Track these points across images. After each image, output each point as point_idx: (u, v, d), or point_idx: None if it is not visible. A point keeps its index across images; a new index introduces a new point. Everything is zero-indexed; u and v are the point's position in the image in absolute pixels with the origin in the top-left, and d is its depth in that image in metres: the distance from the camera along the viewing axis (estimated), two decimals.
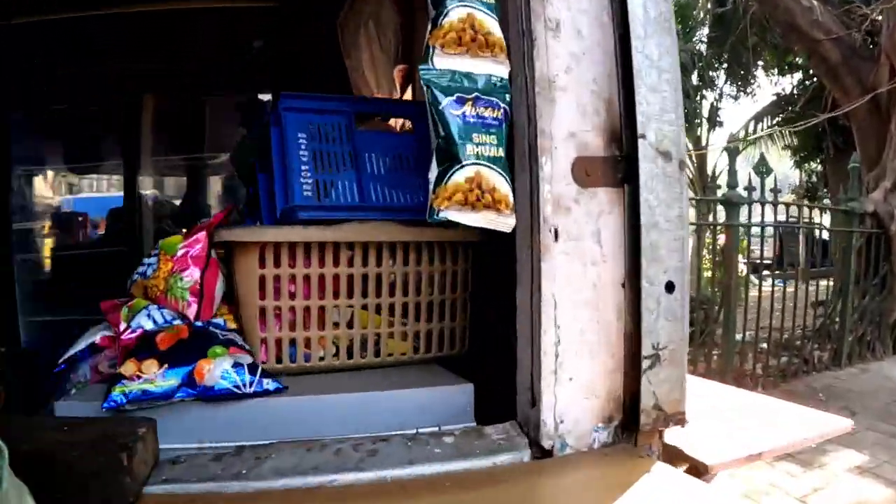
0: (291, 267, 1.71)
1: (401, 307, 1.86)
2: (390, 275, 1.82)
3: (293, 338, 1.76)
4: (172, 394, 1.47)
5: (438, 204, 1.50)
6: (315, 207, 1.75)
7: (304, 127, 1.83)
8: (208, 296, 1.74)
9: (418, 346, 1.90)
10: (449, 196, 1.49)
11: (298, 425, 1.53)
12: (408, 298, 1.86)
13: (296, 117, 1.84)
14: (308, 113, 1.86)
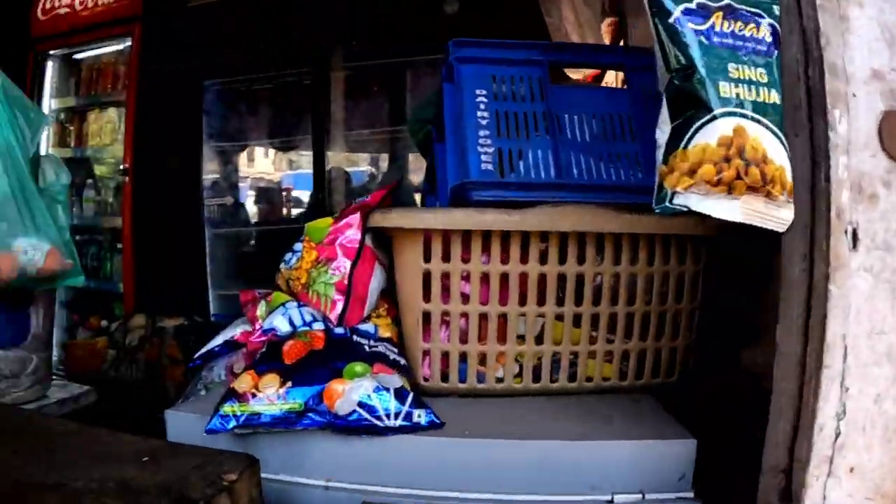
0: (465, 262, 1.51)
1: (607, 319, 1.57)
2: (595, 276, 1.55)
3: (464, 352, 1.56)
4: (295, 421, 1.34)
5: (673, 183, 1.11)
6: (496, 185, 1.52)
7: (483, 82, 1.59)
8: (358, 294, 1.60)
9: (625, 369, 1.61)
10: (691, 169, 1.10)
11: (454, 475, 1.33)
12: (616, 308, 1.57)
13: (473, 70, 1.61)
14: (489, 64, 1.62)
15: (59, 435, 1.27)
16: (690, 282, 1.59)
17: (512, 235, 1.49)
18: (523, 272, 1.51)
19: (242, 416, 1.32)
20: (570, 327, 1.56)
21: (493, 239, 1.50)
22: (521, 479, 1.32)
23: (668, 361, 1.62)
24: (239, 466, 1.10)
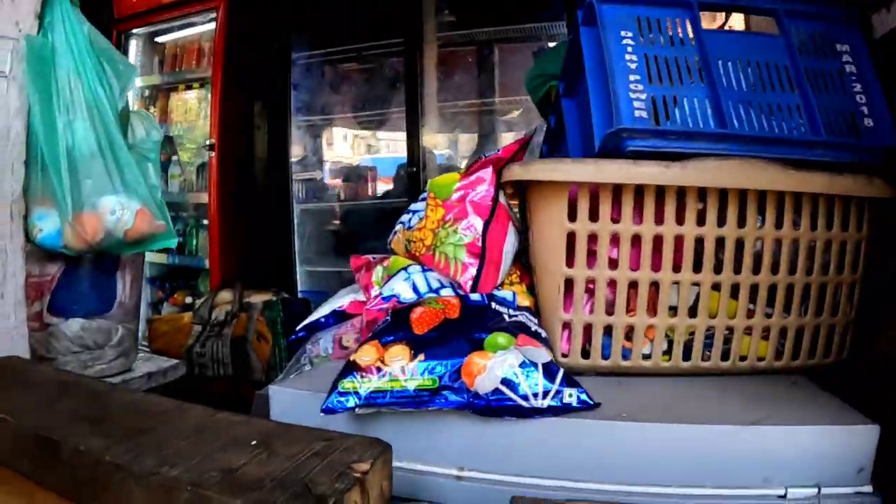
0: (615, 222, 1.30)
1: (766, 291, 1.35)
2: (756, 241, 1.33)
3: (609, 324, 1.34)
4: (427, 400, 1.13)
5: None
6: (653, 133, 1.30)
7: (628, 23, 1.40)
8: (493, 257, 1.40)
9: (781, 348, 1.39)
10: None
11: (609, 465, 1.12)
12: (777, 278, 1.35)
13: (617, 11, 1.41)
14: (633, 4, 1.42)
15: (150, 413, 1.08)
16: (853, 251, 1.38)
17: (667, 192, 1.29)
18: (679, 234, 1.30)
19: (365, 394, 1.12)
20: (727, 299, 1.34)
21: (646, 196, 1.29)
22: (685, 469, 1.11)
23: (826, 340, 1.41)
24: (370, 453, 0.89)
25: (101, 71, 1.66)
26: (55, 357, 1.68)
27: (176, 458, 0.88)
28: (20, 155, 1.55)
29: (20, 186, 1.54)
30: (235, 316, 3.31)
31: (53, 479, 1.00)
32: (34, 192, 1.57)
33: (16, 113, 1.54)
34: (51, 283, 1.67)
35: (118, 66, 1.73)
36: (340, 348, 1.52)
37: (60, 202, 1.55)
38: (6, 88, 1.51)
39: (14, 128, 1.53)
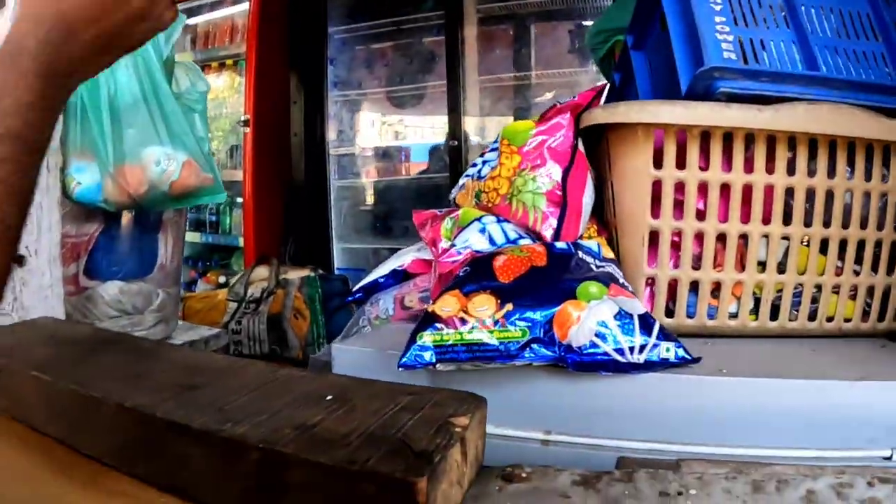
0: (703, 170, 1.20)
1: (854, 247, 1.24)
2: (845, 192, 1.22)
3: (696, 280, 1.23)
4: (517, 353, 1.01)
5: None
6: (743, 74, 1.20)
7: None
8: (574, 206, 1.29)
9: (868, 309, 1.28)
10: None
11: (709, 425, 1.00)
12: (865, 233, 1.24)
13: None
14: None
15: (203, 369, 0.97)
16: None
17: (757, 139, 1.18)
18: (769, 184, 1.19)
19: (448, 348, 1.00)
20: (815, 254, 1.24)
21: (735, 142, 1.18)
22: (788, 428, 0.99)
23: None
24: (466, 408, 0.77)
25: None
26: (92, 322, 1.57)
27: (239, 414, 0.77)
28: None
29: (57, 136, 1.44)
30: (272, 293, 3.23)
31: (94, 442, 0.89)
32: (72, 143, 1.47)
33: None
34: (88, 243, 1.57)
35: None
36: (402, 309, 1.42)
37: (101, 153, 1.44)
38: None
39: None
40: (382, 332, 1.34)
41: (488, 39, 4.37)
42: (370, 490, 0.61)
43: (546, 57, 4.25)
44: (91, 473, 0.86)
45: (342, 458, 0.64)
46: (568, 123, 1.35)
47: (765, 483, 0.71)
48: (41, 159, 0.70)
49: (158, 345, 1.16)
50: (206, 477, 0.74)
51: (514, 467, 0.77)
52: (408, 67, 4.61)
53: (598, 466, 0.78)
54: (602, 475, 0.73)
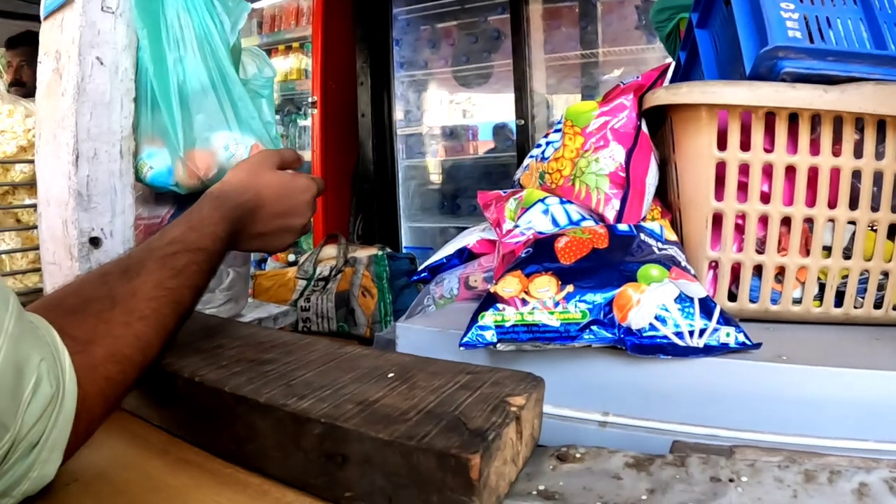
0: (768, 152, 1.17)
1: None
2: None
3: (759, 263, 1.21)
4: (577, 334, 1.01)
5: None
6: (808, 53, 1.15)
7: None
8: (637, 188, 1.27)
9: None
10: None
11: (767, 412, 0.98)
12: None
13: None
14: None
15: (271, 345, 1.00)
16: None
17: (823, 120, 1.15)
18: (835, 166, 1.16)
19: (509, 328, 1.01)
20: (883, 240, 1.19)
21: (801, 123, 1.15)
22: (847, 419, 0.96)
23: None
24: (523, 387, 0.78)
25: (212, 6, 1.58)
26: None
27: (305, 389, 0.79)
28: (129, 91, 1.49)
29: (129, 123, 1.48)
30: (340, 271, 3.27)
31: (164, 414, 0.94)
32: (144, 129, 1.51)
33: (123, 49, 1.48)
34: (160, 225, 1.61)
35: (228, 1, 1.64)
36: (467, 288, 1.43)
37: (171, 139, 1.48)
38: (113, 24, 1.45)
39: (122, 64, 1.47)
40: (446, 312, 1.35)
41: (553, 17, 4.33)
42: (426, 465, 0.63)
43: (612, 34, 4.20)
44: (163, 442, 0.90)
45: (400, 434, 0.66)
46: (631, 104, 1.33)
47: (817, 473, 0.70)
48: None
49: (227, 322, 1.19)
50: (271, 449, 0.77)
51: (569, 447, 0.78)
52: (473, 46, 4.60)
53: (654, 450, 0.78)
54: (655, 458, 0.74)
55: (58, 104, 1.41)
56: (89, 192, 1.40)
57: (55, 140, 1.41)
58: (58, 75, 1.42)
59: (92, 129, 1.40)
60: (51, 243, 1.45)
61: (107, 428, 0.94)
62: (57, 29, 1.44)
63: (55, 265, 1.45)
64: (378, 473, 0.66)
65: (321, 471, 0.71)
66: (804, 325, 1.23)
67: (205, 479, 0.80)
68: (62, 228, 1.41)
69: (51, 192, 1.43)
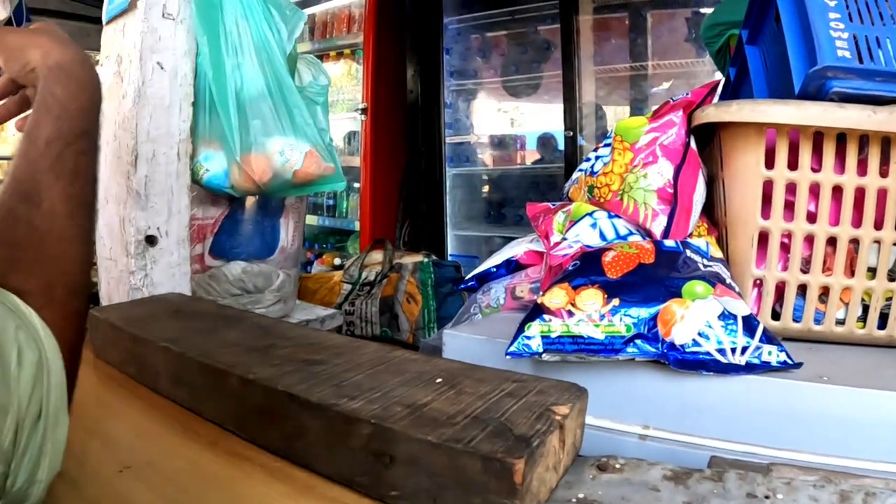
0: (815, 171, 1.17)
1: None
2: None
3: (804, 283, 1.21)
4: (621, 347, 1.03)
5: None
6: (857, 73, 1.16)
7: None
8: (684, 204, 1.29)
9: None
10: None
11: (806, 432, 0.98)
12: None
13: None
14: None
15: (322, 346, 1.03)
16: None
17: (871, 140, 1.15)
18: (882, 187, 1.15)
19: (552, 338, 1.02)
20: None
21: (848, 143, 1.15)
22: (883, 441, 0.96)
23: None
24: (567, 397, 0.80)
25: (269, 15, 1.62)
26: (215, 299, 1.66)
27: (355, 391, 0.82)
28: (188, 96, 1.53)
29: (188, 126, 1.53)
30: (385, 276, 3.30)
31: (215, 409, 0.97)
32: (201, 133, 1.55)
33: (183, 55, 1.52)
34: (214, 225, 1.65)
35: (285, 10, 1.69)
36: (513, 299, 1.44)
37: (228, 143, 1.52)
38: (174, 30, 1.50)
39: (182, 69, 1.52)
40: (492, 321, 1.36)
41: (603, 28, 4.30)
42: (472, 468, 0.65)
43: (662, 46, 4.16)
44: (212, 435, 0.93)
45: (447, 437, 0.68)
46: (681, 121, 1.34)
47: (852, 494, 0.71)
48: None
49: (278, 322, 1.22)
50: (320, 447, 0.79)
51: (609, 458, 0.79)
52: (522, 57, 4.59)
53: (692, 464, 0.80)
54: (693, 472, 0.75)
55: (119, 106, 1.45)
56: (147, 191, 1.44)
57: (116, 141, 1.45)
58: (119, 78, 1.46)
59: (151, 132, 1.44)
60: (108, 240, 1.50)
61: (157, 418, 0.97)
62: (119, 33, 1.48)
63: (111, 261, 1.49)
64: (424, 474, 0.68)
65: (368, 469, 0.74)
66: (847, 347, 1.22)
67: (254, 471, 0.83)
68: (119, 226, 1.45)
69: (109, 190, 1.47)
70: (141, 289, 1.45)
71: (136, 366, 1.13)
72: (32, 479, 0.62)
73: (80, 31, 3.84)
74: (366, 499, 0.74)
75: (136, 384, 1.11)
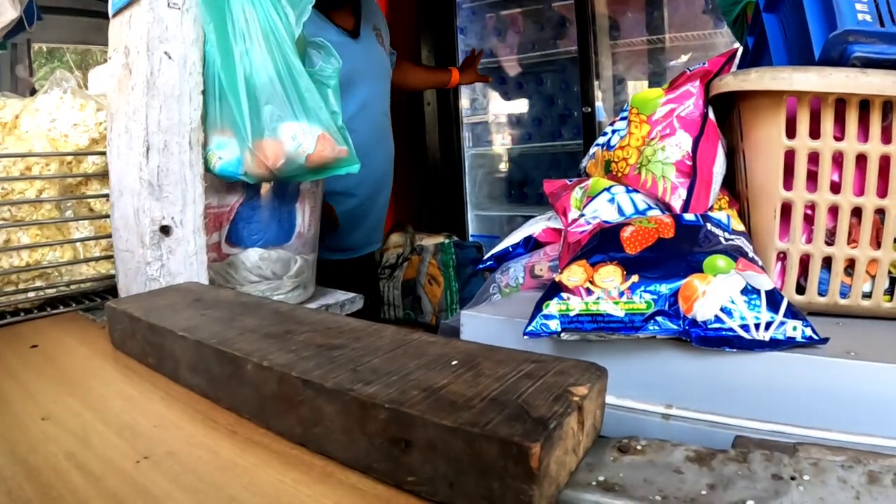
0: (838, 140, 1.15)
1: None
2: None
3: (829, 255, 1.19)
4: (640, 326, 1.02)
5: None
6: (880, 37, 1.13)
7: None
8: (704, 177, 1.26)
9: None
10: None
11: (835, 410, 0.96)
12: None
13: None
14: None
15: (339, 331, 1.02)
16: None
17: (895, 108, 1.12)
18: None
19: (571, 317, 1.01)
20: None
21: (872, 111, 1.13)
22: None
23: None
24: (587, 377, 0.78)
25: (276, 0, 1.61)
26: (233, 287, 1.65)
27: (371, 375, 0.81)
28: (197, 84, 1.52)
29: (198, 115, 1.52)
30: (407, 259, 3.31)
31: (233, 397, 0.96)
32: (212, 121, 1.54)
33: (191, 43, 1.51)
34: (230, 213, 1.64)
35: None
36: (532, 277, 1.43)
37: (240, 130, 1.51)
38: (181, 20, 1.49)
39: (190, 58, 1.50)
40: (511, 301, 1.36)
41: (620, 2, 4.27)
42: (489, 452, 0.64)
43: (680, 18, 4.13)
44: (231, 424, 0.92)
45: (464, 421, 0.67)
46: (698, 91, 1.32)
47: (882, 475, 0.69)
48: None
49: (296, 308, 1.21)
50: (336, 432, 0.78)
51: (631, 439, 0.78)
52: (539, 34, 4.56)
53: (717, 444, 0.78)
54: (717, 453, 0.73)
55: (129, 98, 1.45)
56: (160, 182, 1.44)
57: (127, 132, 1.45)
58: (127, 70, 1.46)
59: (162, 122, 1.44)
60: (123, 231, 1.49)
61: (176, 408, 0.97)
62: (125, 25, 1.47)
63: (128, 252, 1.49)
64: (441, 459, 0.67)
65: (385, 455, 0.73)
66: (874, 321, 1.21)
67: (272, 459, 0.82)
68: (134, 217, 1.45)
69: (123, 182, 1.47)
70: (158, 279, 1.45)
71: (154, 356, 1.12)
72: None
73: (94, 26, 3.85)
74: (381, 485, 0.73)
75: (155, 375, 1.11)
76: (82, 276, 1.68)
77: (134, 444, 0.87)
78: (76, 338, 1.36)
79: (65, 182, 1.66)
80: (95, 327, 1.44)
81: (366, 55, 2.67)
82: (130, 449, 0.85)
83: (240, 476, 0.79)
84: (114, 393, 1.05)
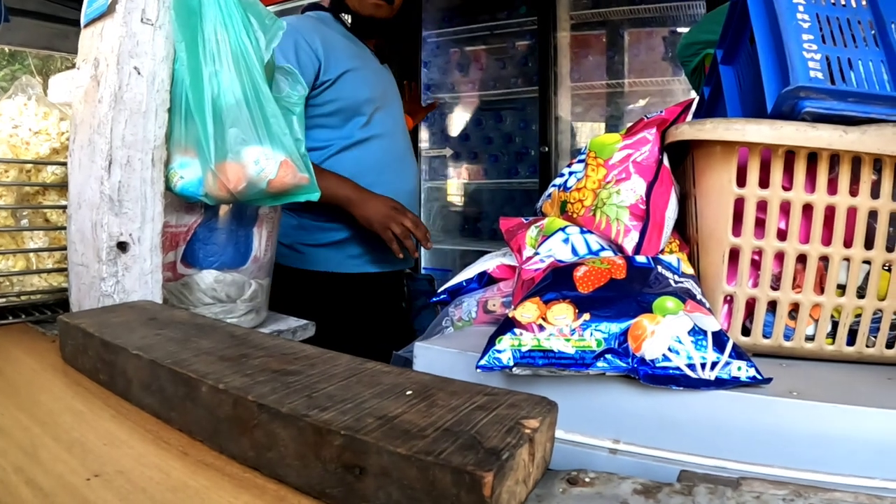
0: (786, 189, 1.20)
1: None
2: None
3: (774, 299, 1.23)
4: (591, 362, 1.03)
5: None
6: (829, 94, 1.19)
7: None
8: (656, 221, 1.30)
9: None
10: None
11: (776, 446, 0.99)
12: None
13: None
14: None
15: (294, 357, 1.02)
16: None
17: (842, 160, 1.18)
18: (852, 206, 1.18)
19: (523, 352, 1.03)
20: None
21: (819, 162, 1.18)
22: (852, 456, 0.97)
23: None
24: (538, 411, 0.80)
25: (248, 24, 1.61)
26: (187, 308, 1.64)
27: (326, 402, 0.81)
28: (164, 102, 1.52)
29: (163, 133, 1.51)
30: None
31: (186, 418, 0.95)
32: (177, 140, 1.53)
33: (161, 60, 1.51)
34: (187, 233, 1.63)
35: (264, 20, 1.67)
36: (485, 312, 1.44)
37: (203, 150, 1.50)
38: (153, 36, 1.48)
39: (159, 75, 1.50)
40: (464, 334, 1.36)
41: (581, 45, 4.35)
42: (442, 480, 0.65)
43: (639, 64, 4.22)
44: (183, 445, 0.92)
45: (419, 449, 0.68)
46: (654, 138, 1.35)
47: None
48: None
49: (252, 332, 1.21)
50: (290, 458, 0.79)
51: (579, 472, 0.79)
52: (501, 72, 4.62)
53: (662, 478, 0.79)
54: (663, 486, 0.75)
55: (95, 110, 1.44)
56: (120, 197, 1.43)
57: (90, 145, 1.44)
58: (95, 82, 1.45)
59: (127, 137, 1.43)
60: (80, 245, 1.48)
61: (127, 426, 0.97)
62: (97, 37, 1.47)
63: (83, 266, 1.47)
64: (394, 486, 0.68)
65: (339, 481, 0.73)
66: (816, 363, 1.24)
67: (224, 482, 0.81)
68: (91, 231, 1.44)
69: (83, 195, 1.46)
70: (112, 295, 1.43)
71: (106, 373, 1.11)
72: None
73: (60, 33, 3.82)
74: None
75: (106, 392, 1.10)
76: (33, 287, 1.66)
77: (84, 461, 0.86)
78: (25, 350, 1.34)
79: (22, 190, 1.65)
80: (45, 340, 1.42)
81: (390, 79, 2.85)
82: (80, 466, 0.84)
83: (191, 497, 0.78)
84: (63, 408, 1.04)
